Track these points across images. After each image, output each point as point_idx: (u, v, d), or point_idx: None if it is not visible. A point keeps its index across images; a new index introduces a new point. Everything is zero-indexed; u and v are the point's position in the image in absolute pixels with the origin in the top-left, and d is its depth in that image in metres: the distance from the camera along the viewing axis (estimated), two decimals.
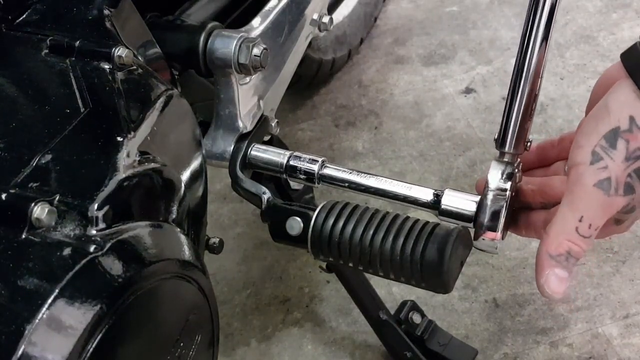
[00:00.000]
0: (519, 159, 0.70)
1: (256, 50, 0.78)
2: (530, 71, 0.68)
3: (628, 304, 1.17)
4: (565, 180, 0.69)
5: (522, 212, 0.72)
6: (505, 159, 0.70)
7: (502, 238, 0.70)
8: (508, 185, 0.68)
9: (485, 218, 0.69)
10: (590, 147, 0.60)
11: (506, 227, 0.70)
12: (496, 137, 0.71)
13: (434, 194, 0.74)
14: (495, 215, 0.68)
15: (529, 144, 0.71)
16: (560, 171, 0.74)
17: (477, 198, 0.70)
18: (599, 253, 1.23)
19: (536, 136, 1.40)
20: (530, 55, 0.68)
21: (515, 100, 0.69)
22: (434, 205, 0.73)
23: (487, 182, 0.69)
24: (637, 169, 0.59)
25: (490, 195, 0.69)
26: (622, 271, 1.21)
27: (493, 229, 0.69)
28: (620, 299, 1.17)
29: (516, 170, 0.69)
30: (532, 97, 0.69)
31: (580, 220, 0.60)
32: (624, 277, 1.20)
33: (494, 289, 1.21)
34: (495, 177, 0.69)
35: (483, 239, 0.69)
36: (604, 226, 0.62)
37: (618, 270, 1.21)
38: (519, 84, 0.69)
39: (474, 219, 0.70)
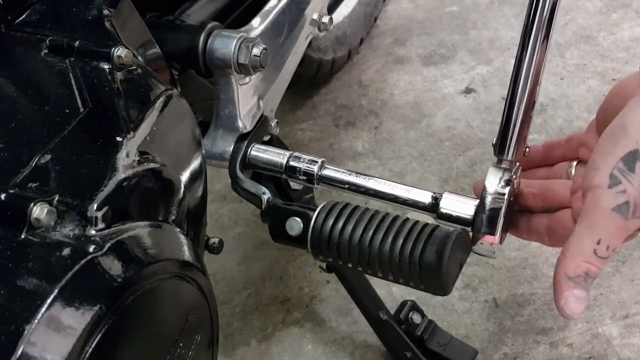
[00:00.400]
0: (517, 164, 0.70)
1: (256, 50, 0.78)
2: (529, 78, 0.68)
3: (628, 304, 1.17)
4: (567, 185, 0.69)
5: (523, 215, 0.72)
6: (504, 165, 0.70)
7: (500, 242, 0.70)
8: (506, 190, 0.68)
9: (483, 222, 0.69)
10: (608, 169, 0.59)
11: (504, 232, 0.70)
12: (494, 143, 0.71)
13: (432, 197, 0.74)
14: (493, 220, 0.68)
15: (527, 149, 0.71)
16: (564, 173, 0.73)
17: (476, 202, 0.70)
18: None
19: (536, 136, 1.40)
20: (528, 62, 0.68)
21: (513, 107, 0.69)
22: (432, 208, 0.73)
23: (485, 188, 0.69)
24: None
25: (488, 200, 0.68)
26: (622, 271, 1.21)
27: (491, 233, 0.69)
28: (620, 299, 1.17)
29: (514, 176, 0.69)
30: (531, 103, 0.69)
31: (598, 243, 0.60)
32: (624, 277, 1.20)
33: (494, 289, 1.21)
34: (493, 183, 0.69)
35: (481, 243, 0.69)
36: None
37: (618, 270, 1.21)
38: (517, 91, 0.68)
39: (472, 223, 0.70)
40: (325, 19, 0.98)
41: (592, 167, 0.61)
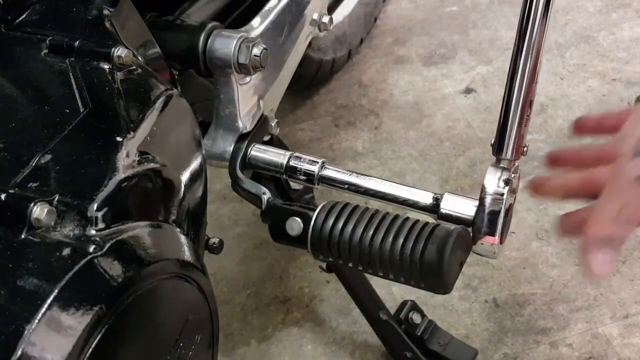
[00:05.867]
0: (516, 164, 0.70)
1: (256, 50, 0.78)
2: (525, 77, 0.68)
3: (628, 304, 1.17)
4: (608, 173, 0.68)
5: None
6: (502, 165, 0.70)
7: (501, 242, 0.70)
8: (505, 190, 0.68)
9: (484, 223, 0.69)
10: (635, 139, 0.60)
11: (505, 232, 0.70)
12: (492, 143, 0.71)
13: (433, 197, 0.74)
14: (493, 220, 0.68)
15: (525, 149, 0.71)
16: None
17: (476, 202, 0.70)
18: None
19: (536, 136, 1.39)
20: (524, 60, 0.68)
21: (510, 106, 0.69)
22: (433, 208, 0.73)
23: (484, 187, 0.69)
24: None
25: (488, 200, 0.69)
26: (622, 271, 1.21)
27: (491, 233, 0.69)
28: (620, 299, 1.17)
29: (513, 175, 0.69)
30: (527, 103, 0.69)
31: (621, 209, 0.60)
32: (624, 277, 1.20)
33: (494, 289, 1.21)
34: (492, 183, 0.69)
35: (482, 244, 0.70)
36: None
37: (618, 270, 1.21)
38: (514, 89, 0.69)
39: (473, 223, 0.70)
40: (325, 19, 0.98)
41: (622, 135, 0.61)
